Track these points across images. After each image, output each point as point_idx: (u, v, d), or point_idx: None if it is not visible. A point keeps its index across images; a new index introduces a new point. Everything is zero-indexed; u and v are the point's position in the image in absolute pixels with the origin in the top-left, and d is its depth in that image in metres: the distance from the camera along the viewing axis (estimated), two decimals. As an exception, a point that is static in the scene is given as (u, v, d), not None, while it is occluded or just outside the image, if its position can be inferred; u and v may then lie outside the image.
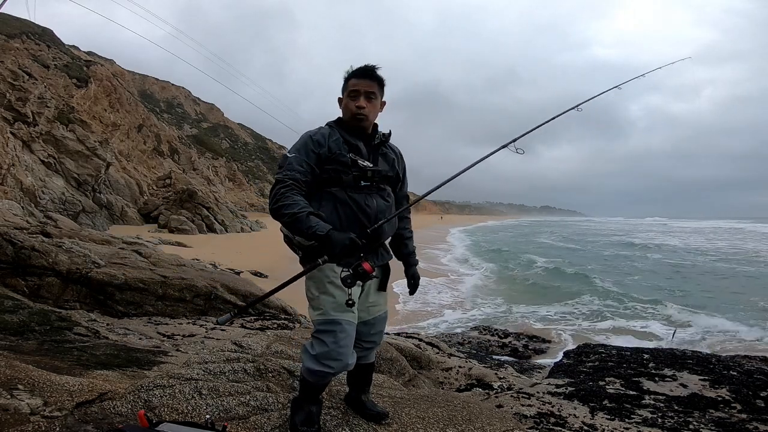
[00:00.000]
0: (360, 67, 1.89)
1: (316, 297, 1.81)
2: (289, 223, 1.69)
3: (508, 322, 10.10)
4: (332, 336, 1.75)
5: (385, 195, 1.91)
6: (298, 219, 1.66)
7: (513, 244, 37.77)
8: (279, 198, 1.71)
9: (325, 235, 1.61)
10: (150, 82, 69.85)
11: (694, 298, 13.11)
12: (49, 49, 30.89)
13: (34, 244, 5.48)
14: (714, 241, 40.82)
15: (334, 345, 1.74)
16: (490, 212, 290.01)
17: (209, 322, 5.32)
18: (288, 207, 1.68)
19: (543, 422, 3.10)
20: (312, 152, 1.81)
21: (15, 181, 18.56)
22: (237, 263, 13.24)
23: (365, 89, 1.87)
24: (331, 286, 1.78)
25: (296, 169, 1.77)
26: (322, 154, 1.82)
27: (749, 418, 3.26)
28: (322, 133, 1.87)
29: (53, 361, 2.71)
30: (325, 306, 1.78)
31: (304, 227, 1.65)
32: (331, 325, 1.76)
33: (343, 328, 1.76)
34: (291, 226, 1.71)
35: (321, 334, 1.77)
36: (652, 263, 23.11)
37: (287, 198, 1.70)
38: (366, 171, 1.84)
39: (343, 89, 1.93)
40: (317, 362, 1.76)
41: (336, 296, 1.77)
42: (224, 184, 50.68)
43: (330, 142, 1.84)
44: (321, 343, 1.76)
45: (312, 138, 1.84)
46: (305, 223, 1.65)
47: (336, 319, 1.76)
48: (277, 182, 1.76)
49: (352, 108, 1.88)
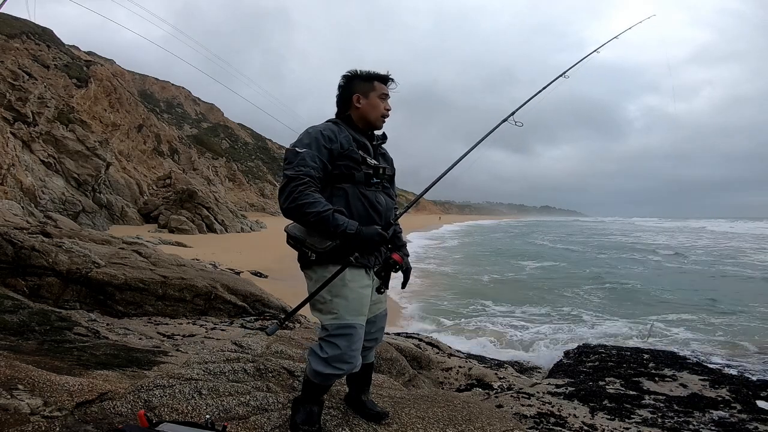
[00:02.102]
0: (388, 74, 1.96)
1: (329, 301, 1.77)
2: (315, 222, 1.64)
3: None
4: (347, 339, 1.74)
5: (390, 193, 1.96)
6: (325, 218, 1.63)
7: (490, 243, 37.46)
8: (297, 196, 1.64)
9: (356, 233, 1.63)
10: (150, 82, 69.87)
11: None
12: (49, 49, 30.89)
13: (34, 244, 5.48)
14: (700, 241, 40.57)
15: (348, 348, 1.73)
16: (490, 212, 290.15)
17: (209, 322, 5.32)
18: (311, 206, 1.63)
19: (543, 422, 3.11)
20: (324, 147, 1.77)
21: (15, 181, 18.56)
22: (237, 263, 13.23)
23: (389, 94, 1.96)
24: (346, 289, 1.76)
25: (310, 165, 1.71)
26: (334, 150, 1.79)
27: (749, 418, 3.26)
28: (331, 129, 1.85)
29: (53, 361, 2.71)
30: (340, 310, 1.75)
31: (332, 226, 1.63)
32: (347, 329, 1.75)
33: (357, 332, 1.77)
34: (316, 226, 1.66)
35: (335, 338, 1.75)
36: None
37: (307, 196, 1.64)
38: (378, 169, 1.87)
39: (365, 89, 1.93)
40: (327, 365, 1.75)
41: (349, 299, 1.76)
42: (224, 184, 50.65)
43: (341, 138, 1.83)
44: (334, 347, 1.74)
45: (323, 133, 1.81)
46: (333, 222, 1.63)
47: (352, 323, 1.75)
48: (291, 179, 1.68)
49: (382, 110, 1.93)
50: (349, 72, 1.96)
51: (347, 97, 1.94)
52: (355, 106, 1.93)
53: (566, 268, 20.15)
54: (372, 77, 1.93)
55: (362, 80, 1.93)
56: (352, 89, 1.94)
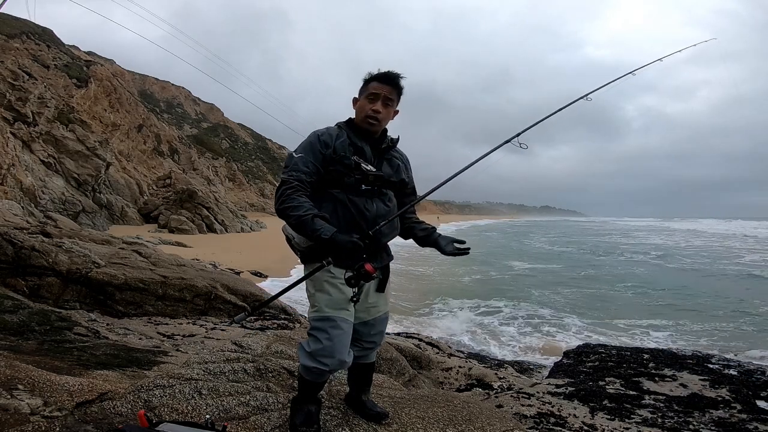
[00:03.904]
0: (384, 72, 1.89)
1: (312, 294, 1.83)
2: (295, 225, 1.72)
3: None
4: (326, 333, 1.76)
5: (386, 200, 1.90)
6: (304, 222, 1.68)
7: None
8: (284, 199, 1.73)
9: (330, 239, 1.64)
10: (150, 82, 69.85)
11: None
12: (49, 49, 30.90)
13: (34, 244, 5.48)
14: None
15: (328, 342, 1.75)
16: (490, 212, 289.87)
17: (209, 322, 5.32)
18: (294, 209, 1.70)
19: (543, 422, 3.11)
20: (319, 152, 1.82)
21: (15, 181, 18.55)
22: (237, 263, 13.25)
23: (385, 94, 1.87)
24: (327, 284, 1.80)
25: (302, 170, 1.78)
26: (327, 155, 1.82)
27: (749, 418, 3.26)
28: (329, 134, 1.87)
29: (53, 361, 2.71)
30: (320, 303, 1.80)
31: (309, 230, 1.68)
32: (325, 321, 1.78)
33: (337, 325, 1.77)
34: (297, 228, 1.74)
35: (315, 331, 1.79)
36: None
37: (293, 200, 1.72)
38: (368, 175, 1.84)
39: (361, 90, 1.93)
40: (312, 359, 1.78)
41: (332, 294, 1.79)
42: (224, 184, 50.64)
43: (336, 143, 1.84)
44: (315, 340, 1.78)
45: (320, 138, 1.85)
46: (310, 226, 1.67)
47: (330, 316, 1.78)
48: (283, 183, 1.78)
49: (367, 110, 1.87)
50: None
51: (354, 101, 1.96)
52: (356, 109, 1.94)
53: (553, 269, 20.10)
54: (368, 78, 1.92)
55: (363, 82, 1.94)
56: (358, 93, 1.95)
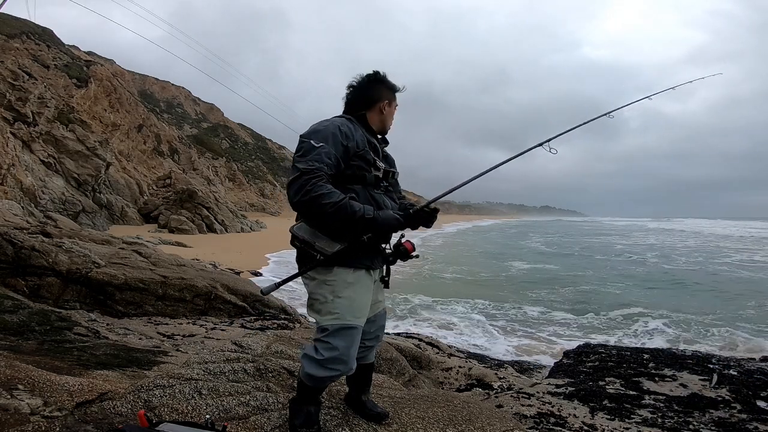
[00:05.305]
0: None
1: (331, 301, 1.74)
2: (333, 212, 1.62)
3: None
4: (346, 341, 1.72)
5: (393, 196, 1.95)
6: (343, 206, 1.62)
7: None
8: (311, 188, 1.61)
9: (373, 217, 1.67)
10: (150, 82, 69.81)
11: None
12: (49, 49, 30.90)
13: (34, 244, 5.48)
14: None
15: (346, 349, 1.71)
16: (490, 212, 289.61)
17: (209, 322, 5.32)
18: (327, 196, 1.61)
19: (543, 422, 3.11)
20: (341, 144, 1.73)
21: (15, 181, 18.55)
22: (237, 263, 13.25)
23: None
24: (349, 290, 1.74)
25: (325, 162, 1.67)
26: (350, 148, 1.76)
27: (749, 418, 3.26)
28: (348, 126, 1.80)
29: (53, 361, 2.71)
30: (341, 310, 1.73)
31: (350, 212, 1.63)
32: (348, 330, 1.73)
33: (358, 332, 1.76)
34: (334, 215, 1.63)
35: (334, 339, 1.71)
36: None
37: (321, 187, 1.62)
38: (389, 173, 1.88)
39: (391, 98, 1.97)
40: (323, 368, 1.72)
41: (353, 300, 1.75)
42: (224, 184, 50.61)
43: (357, 136, 1.80)
44: (330, 348, 1.71)
45: (341, 129, 1.76)
46: (351, 209, 1.63)
47: (353, 324, 1.74)
48: (304, 173, 1.63)
49: (391, 121, 2.00)
50: (379, 74, 1.94)
51: (370, 98, 1.92)
52: (380, 110, 1.93)
53: (553, 269, 20.09)
54: (396, 89, 1.99)
55: (388, 89, 1.96)
56: (379, 93, 1.93)
